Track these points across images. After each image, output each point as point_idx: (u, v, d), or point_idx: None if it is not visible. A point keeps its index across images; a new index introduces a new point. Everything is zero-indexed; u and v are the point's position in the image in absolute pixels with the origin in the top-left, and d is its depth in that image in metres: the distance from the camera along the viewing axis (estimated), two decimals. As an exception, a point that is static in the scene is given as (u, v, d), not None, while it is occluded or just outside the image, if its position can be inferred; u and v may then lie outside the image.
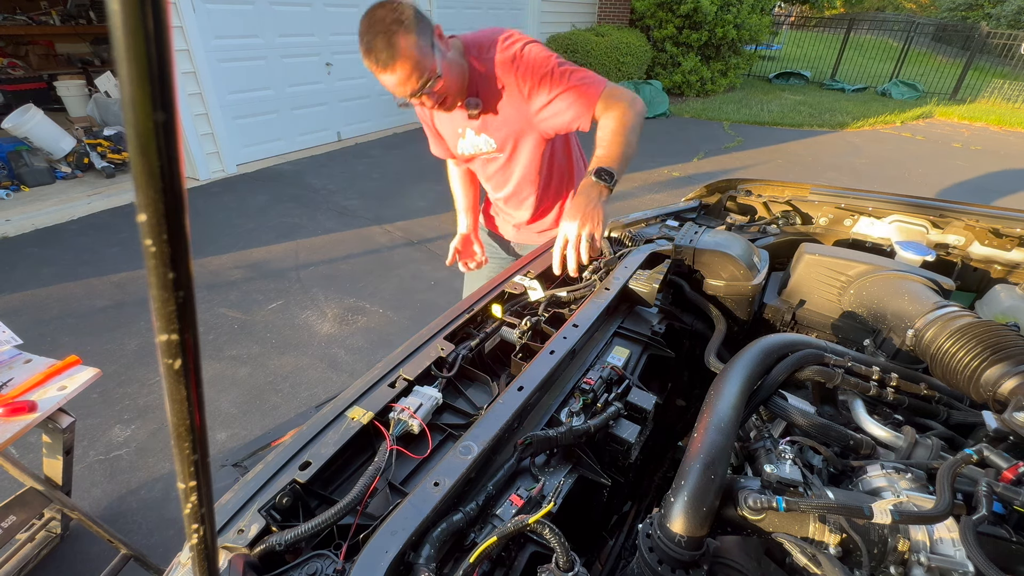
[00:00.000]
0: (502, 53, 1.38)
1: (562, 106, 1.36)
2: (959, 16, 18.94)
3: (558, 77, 1.34)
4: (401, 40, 1.19)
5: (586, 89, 1.33)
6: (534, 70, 1.35)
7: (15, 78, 6.68)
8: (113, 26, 0.19)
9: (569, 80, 1.34)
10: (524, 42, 1.39)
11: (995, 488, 0.66)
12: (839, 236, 1.76)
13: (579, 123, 1.38)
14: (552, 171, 1.66)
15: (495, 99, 1.45)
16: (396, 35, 1.18)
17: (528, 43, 1.39)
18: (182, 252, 0.23)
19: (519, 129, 1.50)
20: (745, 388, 0.82)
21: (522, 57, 1.36)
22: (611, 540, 1.05)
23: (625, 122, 1.29)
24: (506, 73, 1.38)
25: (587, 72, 1.36)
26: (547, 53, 1.37)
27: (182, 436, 0.28)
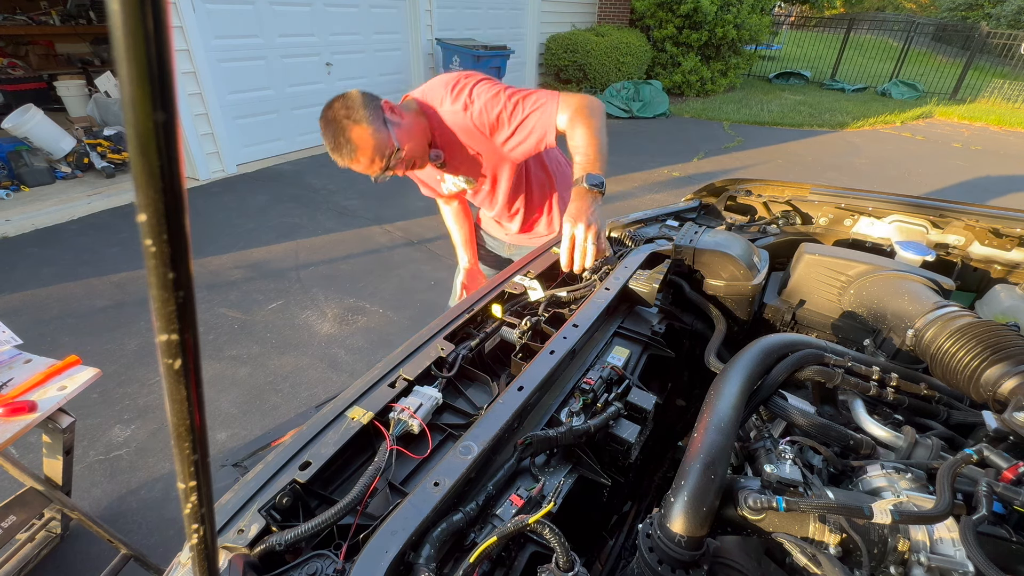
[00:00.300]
0: (453, 104, 1.44)
1: (524, 134, 1.41)
2: (959, 16, 18.94)
3: (512, 109, 1.39)
4: (354, 133, 1.31)
5: (542, 111, 1.38)
6: (488, 111, 1.40)
7: (15, 78, 6.67)
8: (113, 26, 0.19)
9: (524, 108, 1.39)
10: (471, 86, 1.43)
11: (995, 488, 0.66)
12: (839, 236, 1.76)
13: (545, 142, 1.43)
14: (532, 184, 1.73)
15: (459, 146, 1.51)
16: (349, 129, 1.31)
17: (475, 85, 1.43)
18: (182, 252, 0.23)
19: (491, 162, 1.57)
20: (745, 388, 0.82)
21: (472, 103, 1.42)
22: (611, 540, 1.05)
23: (590, 125, 1.33)
24: (462, 121, 1.44)
25: (538, 93, 1.40)
26: (495, 89, 1.41)
27: (182, 436, 0.28)
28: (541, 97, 1.38)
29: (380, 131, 1.33)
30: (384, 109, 1.36)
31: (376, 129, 1.32)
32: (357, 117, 1.31)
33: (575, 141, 1.32)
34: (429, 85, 1.50)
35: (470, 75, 1.46)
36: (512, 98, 1.39)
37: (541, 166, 1.73)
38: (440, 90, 1.45)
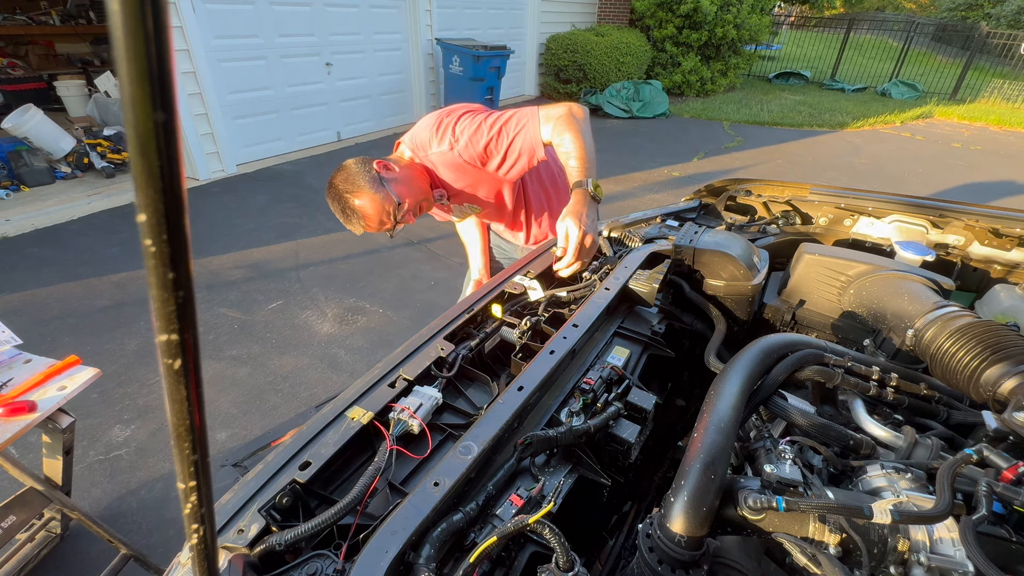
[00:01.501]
0: (439, 146, 1.47)
1: (514, 157, 1.44)
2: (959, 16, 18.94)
3: (497, 136, 1.41)
4: (355, 202, 1.40)
5: (526, 130, 1.40)
6: (473, 145, 1.43)
7: (15, 78, 6.67)
8: (113, 26, 0.19)
9: (508, 133, 1.41)
10: (452, 124, 1.46)
11: (995, 488, 0.66)
12: (839, 236, 1.76)
13: (536, 158, 1.44)
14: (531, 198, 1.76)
15: (457, 182, 1.55)
16: (351, 200, 1.40)
17: (456, 123, 1.45)
18: (182, 252, 0.23)
19: (490, 188, 1.62)
20: (745, 388, 0.82)
21: (457, 141, 1.45)
22: (611, 540, 1.05)
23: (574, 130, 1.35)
24: (452, 159, 1.48)
25: (519, 113, 1.42)
26: (476, 121, 1.43)
27: (182, 436, 0.28)
28: (523, 117, 1.41)
29: (379, 192, 1.39)
30: (378, 168, 1.43)
31: (374, 191, 1.39)
32: (354, 187, 1.39)
33: (564, 148, 1.35)
34: (416, 130, 1.53)
35: (451, 111, 1.49)
36: (494, 126, 1.41)
37: (537, 179, 1.76)
38: (426, 134, 1.49)
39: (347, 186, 1.40)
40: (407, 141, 1.55)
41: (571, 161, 1.33)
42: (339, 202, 1.42)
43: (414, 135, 1.53)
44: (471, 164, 1.47)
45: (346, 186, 1.40)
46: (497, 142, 1.42)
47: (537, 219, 1.81)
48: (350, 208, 1.41)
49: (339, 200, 1.42)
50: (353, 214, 1.41)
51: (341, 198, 1.41)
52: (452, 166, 1.49)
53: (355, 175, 1.41)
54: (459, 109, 1.49)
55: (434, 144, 1.48)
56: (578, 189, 1.28)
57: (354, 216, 1.41)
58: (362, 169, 1.42)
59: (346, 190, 1.40)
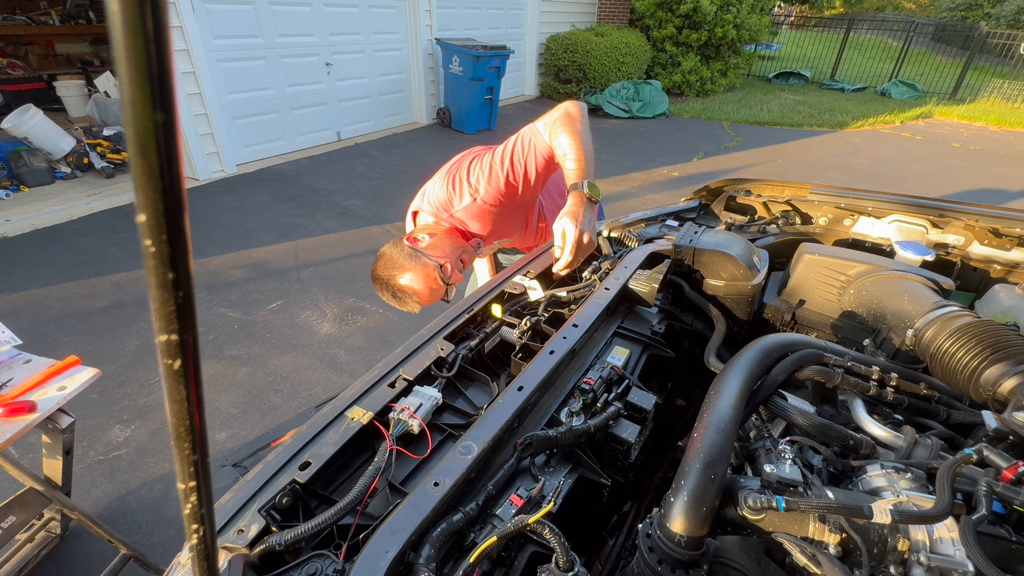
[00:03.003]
0: (461, 202, 1.46)
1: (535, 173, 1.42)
2: (959, 16, 18.94)
3: (511, 164, 1.40)
4: (401, 281, 1.41)
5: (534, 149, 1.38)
6: (494, 187, 1.42)
7: (15, 78, 6.67)
8: (113, 26, 0.19)
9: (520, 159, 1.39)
10: (464, 176, 1.44)
11: (995, 488, 0.66)
12: (839, 236, 1.76)
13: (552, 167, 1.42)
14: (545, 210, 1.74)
15: (487, 227, 1.53)
16: (396, 281, 1.41)
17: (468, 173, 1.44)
18: (182, 252, 0.23)
19: (518, 216, 1.63)
20: (745, 388, 0.82)
21: (477, 191, 1.43)
22: (611, 540, 1.05)
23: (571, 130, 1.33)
24: (480, 210, 1.46)
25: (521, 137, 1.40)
26: (486, 163, 1.42)
27: (182, 436, 0.28)
28: (525, 138, 1.39)
29: (418, 263, 1.40)
30: (409, 243, 1.43)
31: (414, 264, 1.40)
32: (396, 268, 1.41)
33: (560, 150, 1.34)
34: (430, 194, 1.51)
35: (458, 164, 1.47)
36: (504, 160, 1.40)
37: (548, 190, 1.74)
38: (443, 194, 1.47)
39: (389, 271, 1.42)
40: (425, 207, 1.53)
41: (567, 163, 1.32)
42: (388, 289, 1.43)
43: (430, 200, 1.51)
44: (496, 206, 1.46)
45: (388, 271, 1.42)
46: (514, 174, 1.40)
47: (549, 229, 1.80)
48: (399, 290, 1.42)
49: (387, 287, 1.43)
50: (403, 294, 1.42)
51: (388, 284, 1.42)
52: (480, 215, 1.48)
53: (392, 257, 1.42)
54: (464, 159, 1.49)
55: (456, 202, 1.46)
56: (574, 192, 1.27)
57: (405, 295, 1.42)
58: (396, 250, 1.43)
59: (390, 275, 1.42)
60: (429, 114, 7.61)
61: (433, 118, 7.65)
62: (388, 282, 1.42)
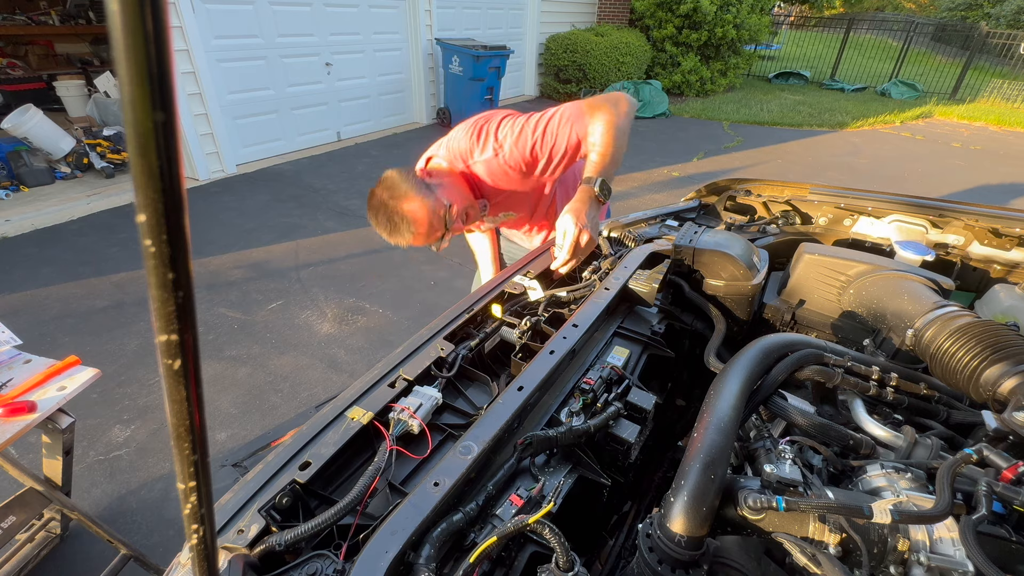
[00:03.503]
0: (482, 154, 1.41)
1: (561, 153, 1.38)
2: (958, 16, 18.94)
3: (542, 137, 1.35)
4: (404, 208, 1.29)
5: (570, 128, 1.34)
6: (520, 149, 1.37)
7: (15, 78, 6.67)
8: (113, 26, 0.19)
9: (553, 132, 1.35)
10: (493, 130, 1.39)
11: (995, 488, 0.66)
12: (839, 236, 1.76)
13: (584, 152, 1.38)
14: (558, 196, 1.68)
15: (499, 190, 1.48)
16: (399, 207, 1.29)
17: (498, 128, 1.39)
18: (182, 252, 0.23)
19: (532, 192, 1.55)
20: (745, 388, 0.82)
21: (502, 147, 1.39)
22: (611, 540, 1.05)
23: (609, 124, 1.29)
24: (498, 167, 1.42)
25: (562, 111, 1.35)
26: (519, 124, 1.38)
27: (182, 436, 0.28)
28: (566, 113, 1.34)
29: (428, 197, 1.31)
30: (422, 175, 1.35)
31: (423, 197, 1.30)
32: (400, 193, 1.30)
33: (591, 138, 1.30)
34: (452, 140, 1.47)
35: (489, 118, 1.42)
36: (538, 127, 1.35)
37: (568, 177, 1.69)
38: (465, 142, 1.42)
39: (392, 193, 1.31)
40: (442, 153, 1.48)
41: (592, 153, 1.29)
42: (384, 212, 1.32)
43: (450, 146, 1.46)
44: (515, 169, 1.41)
45: (391, 193, 1.31)
46: (542, 144, 1.36)
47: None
48: (398, 215, 1.30)
49: (384, 209, 1.31)
50: (402, 221, 1.30)
51: (387, 206, 1.31)
52: (496, 173, 1.43)
53: (399, 182, 1.32)
54: (497, 115, 1.43)
55: (476, 152, 1.41)
56: (585, 186, 1.25)
57: (403, 224, 1.30)
58: (405, 176, 1.33)
59: (392, 196, 1.30)
60: (429, 114, 7.61)
61: (433, 118, 7.66)
62: (387, 205, 1.30)
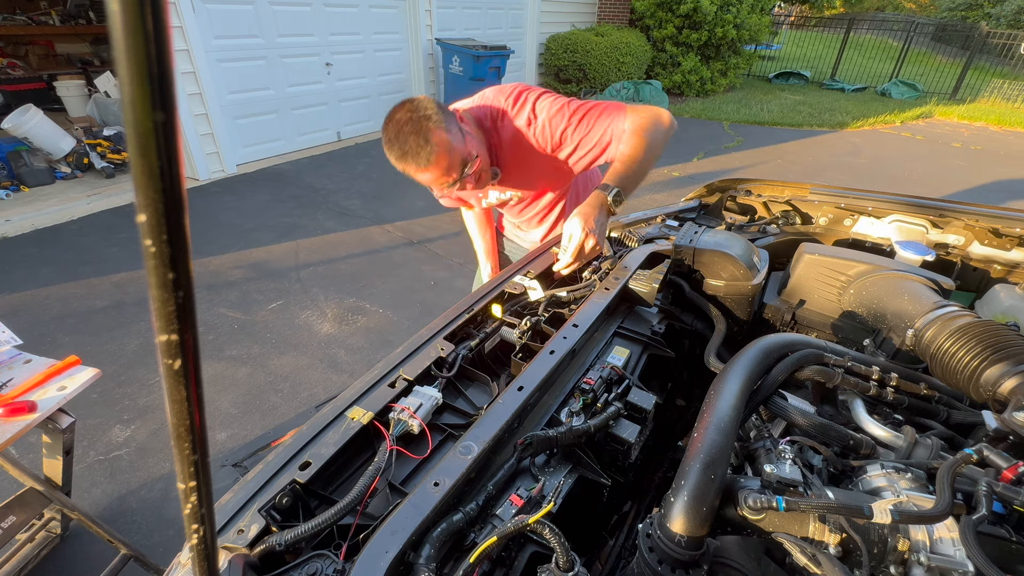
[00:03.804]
0: (516, 119, 1.35)
1: (589, 147, 1.35)
2: (959, 16, 18.94)
3: (578, 123, 1.32)
4: (435, 136, 1.17)
5: (607, 126, 1.31)
6: (552, 127, 1.33)
7: (15, 78, 6.67)
8: (113, 26, 0.19)
9: (590, 122, 1.32)
10: (533, 100, 1.35)
11: (995, 488, 0.66)
12: (839, 236, 1.76)
13: (610, 156, 1.35)
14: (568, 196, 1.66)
15: (517, 162, 1.43)
16: (429, 132, 1.17)
17: (537, 99, 1.36)
18: (182, 252, 0.23)
19: (546, 177, 1.50)
20: (745, 388, 0.82)
21: (536, 118, 1.34)
22: (611, 540, 1.05)
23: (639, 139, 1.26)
24: (524, 138, 1.37)
25: (605, 106, 1.32)
26: (559, 103, 1.34)
27: (182, 436, 0.28)
28: (608, 111, 1.31)
29: (456, 137, 1.23)
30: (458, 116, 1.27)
31: (453, 135, 1.22)
32: (435, 121, 1.19)
33: (624, 144, 1.27)
34: (483, 98, 1.41)
35: (528, 87, 1.38)
36: (576, 113, 1.32)
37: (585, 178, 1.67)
38: (500, 102, 1.37)
39: (426, 115, 1.18)
40: (473, 109, 1.38)
41: (617, 161, 1.27)
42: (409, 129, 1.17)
43: (482, 103, 1.38)
44: (540, 147, 1.36)
45: (424, 115, 1.18)
46: (575, 131, 1.32)
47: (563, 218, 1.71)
48: (423, 139, 1.17)
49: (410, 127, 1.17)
50: (425, 145, 1.17)
51: (416, 126, 1.16)
52: (521, 145, 1.36)
53: (435, 109, 1.19)
54: (537, 88, 1.38)
55: (511, 119, 1.34)
56: (600, 191, 1.22)
57: (425, 150, 1.17)
58: (442, 107, 1.22)
59: (425, 118, 1.17)
60: (429, 114, 7.60)
61: (433, 118, 7.65)
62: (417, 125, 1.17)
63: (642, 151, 1.26)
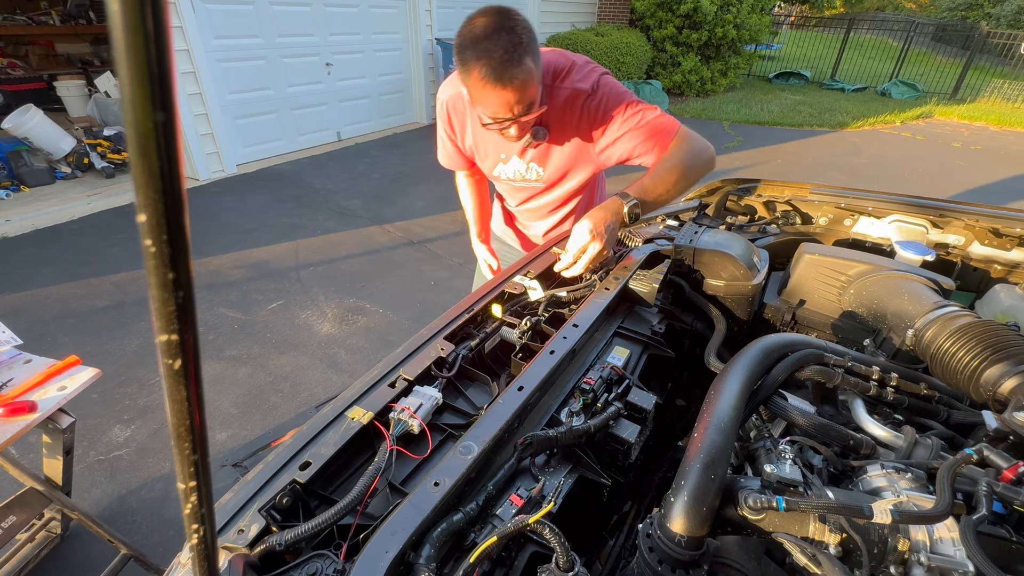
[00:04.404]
0: (578, 83, 1.29)
1: (629, 145, 1.32)
2: (959, 16, 18.94)
3: (630, 116, 1.29)
4: (526, 59, 1.08)
5: (658, 132, 1.28)
6: (608, 105, 1.28)
7: (15, 78, 6.67)
8: (113, 26, 0.19)
9: (640, 121, 1.29)
10: (600, 72, 1.31)
11: (995, 488, 0.66)
12: (839, 236, 1.75)
13: (643, 160, 1.33)
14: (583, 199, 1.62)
15: (558, 132, 1.36)
16: (522, 52, 1.07)
17: (603, 74, 1.31)
18: (182, 252, 0.23)
19: (573, 162, 1.44)
20: (745, 388, 0.82)
21: (598, 89, 1.29)
22: (611, 540, 1.05)
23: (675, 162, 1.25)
24: (575, 107, 1.30)
25: (662, 115, 1.29)
26: (622, 87, 1.31)
27: (182, 436, 0.28)
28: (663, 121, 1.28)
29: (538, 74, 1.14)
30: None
31: (537, 69, 1.12)
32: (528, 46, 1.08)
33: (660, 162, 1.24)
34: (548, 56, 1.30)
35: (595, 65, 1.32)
36: (634, 104, 1.28)
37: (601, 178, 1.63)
38: (564, 63, 1.29)
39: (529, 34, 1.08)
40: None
41: (646, 178, 1.24)
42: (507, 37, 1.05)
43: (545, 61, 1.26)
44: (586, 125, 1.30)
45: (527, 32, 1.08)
46: (625, 120, 1.28)
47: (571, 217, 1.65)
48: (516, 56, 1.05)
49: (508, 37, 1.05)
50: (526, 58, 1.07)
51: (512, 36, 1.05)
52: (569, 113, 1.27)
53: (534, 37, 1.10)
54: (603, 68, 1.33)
55: (574, 81, 1.27)
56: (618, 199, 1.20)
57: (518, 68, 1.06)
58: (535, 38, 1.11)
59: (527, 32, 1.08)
60: (429, 114, 7.61)
61: (433, 118, 7.65)
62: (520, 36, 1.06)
63: (676, 175, 1.24)
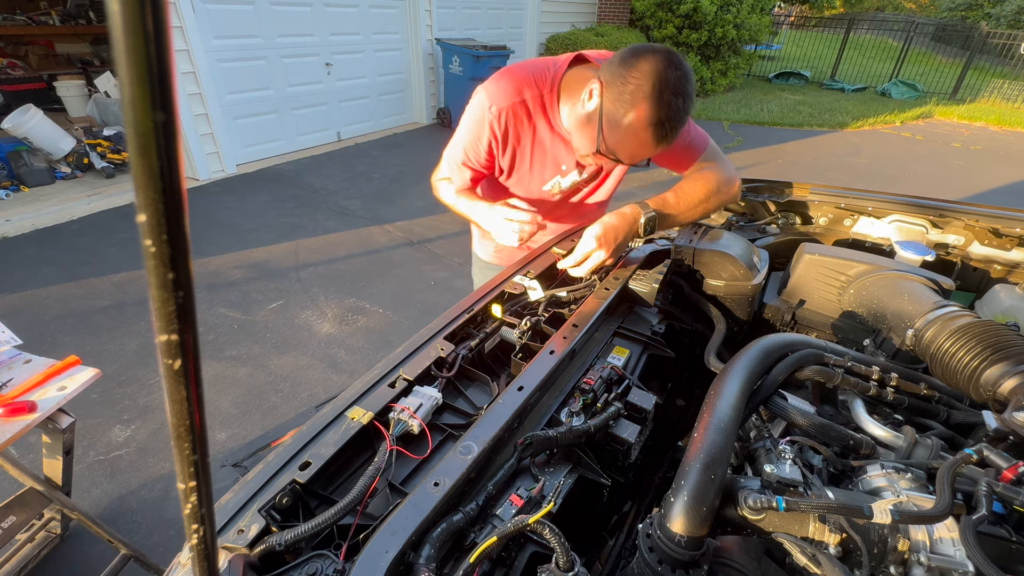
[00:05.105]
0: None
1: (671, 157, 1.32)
2: (959, 16, 18.94)
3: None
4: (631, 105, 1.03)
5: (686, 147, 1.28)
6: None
7: (15, 78, 6.67)
8: (113, 26, 0.19)
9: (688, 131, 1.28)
10: None
11: (995, 488, 0.66)
12: (839, 236, 1.75)
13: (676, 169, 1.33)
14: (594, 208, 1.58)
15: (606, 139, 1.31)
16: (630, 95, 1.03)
17: None
18: (182, 252, 0.23)
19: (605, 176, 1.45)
20: (745, 388, 0.82)
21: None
22: (611, 540, 1.05)
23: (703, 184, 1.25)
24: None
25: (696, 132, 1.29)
26: None
27: (182, 436, 0.28)
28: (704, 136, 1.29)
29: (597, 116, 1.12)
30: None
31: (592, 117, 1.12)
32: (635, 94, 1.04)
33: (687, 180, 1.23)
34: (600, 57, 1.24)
35: None
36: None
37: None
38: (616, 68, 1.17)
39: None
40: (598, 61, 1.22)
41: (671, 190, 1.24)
42: (689, 103, 1.04)
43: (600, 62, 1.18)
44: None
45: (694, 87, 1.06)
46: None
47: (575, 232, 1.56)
48: (686, 121, 1.07)
49: (690, 104, 1.05)
50: (683, 124, 1.07)
51: (692, 104, 1.05)
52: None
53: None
54: None
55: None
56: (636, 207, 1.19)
57: (682, 126, 1.07)
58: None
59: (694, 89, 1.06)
60: (429, 114, 7.61)
61: (433, 118, 7.66)
62: (692, 101, 1.04)
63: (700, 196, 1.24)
